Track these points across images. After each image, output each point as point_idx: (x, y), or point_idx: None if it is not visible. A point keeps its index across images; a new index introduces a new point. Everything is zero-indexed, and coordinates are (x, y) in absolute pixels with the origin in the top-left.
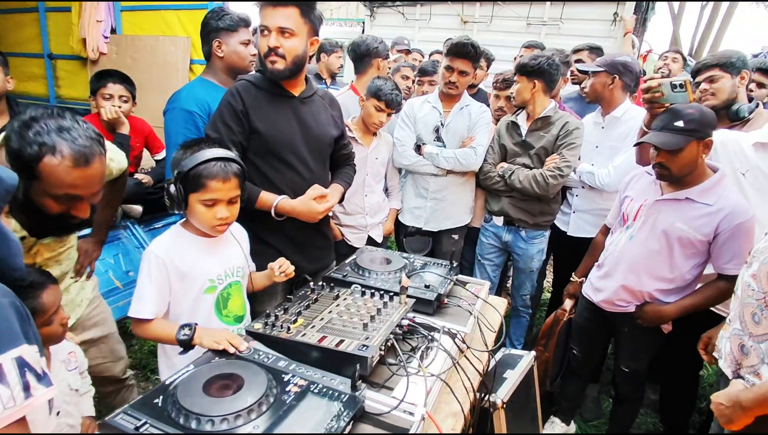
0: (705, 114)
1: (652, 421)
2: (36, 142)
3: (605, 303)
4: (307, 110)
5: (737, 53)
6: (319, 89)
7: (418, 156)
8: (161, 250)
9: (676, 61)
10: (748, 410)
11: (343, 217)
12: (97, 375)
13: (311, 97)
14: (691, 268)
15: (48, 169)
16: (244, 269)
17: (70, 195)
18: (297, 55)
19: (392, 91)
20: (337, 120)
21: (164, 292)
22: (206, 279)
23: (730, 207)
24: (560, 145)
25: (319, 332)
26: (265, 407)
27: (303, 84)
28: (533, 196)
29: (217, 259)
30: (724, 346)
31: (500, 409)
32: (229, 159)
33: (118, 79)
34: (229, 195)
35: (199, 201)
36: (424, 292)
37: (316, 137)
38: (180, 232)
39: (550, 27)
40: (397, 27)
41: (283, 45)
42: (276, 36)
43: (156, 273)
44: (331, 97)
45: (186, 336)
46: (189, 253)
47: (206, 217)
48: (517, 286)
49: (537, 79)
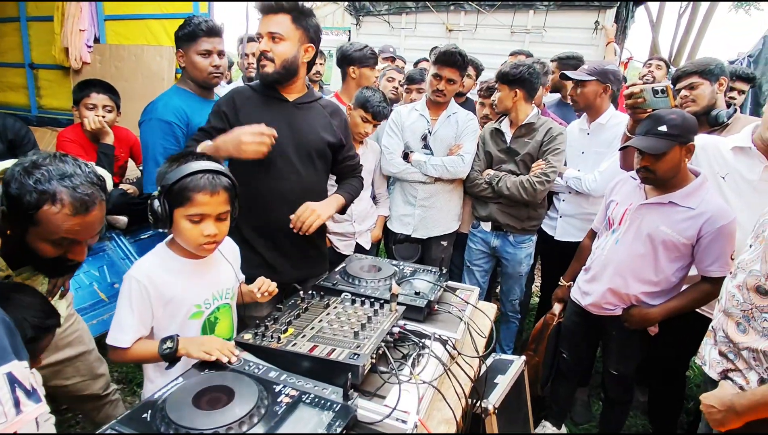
0: (687, 119)
1: (642, 422)
2: (36, 190)
3: (593, 306)
4: (301, 115)
5: (715, 60)
6: (324, 99)
7: (406, 164)
8: (143, 275)
9: (660, 68)
10: (742, 415)
11: (330, 225)
12: (75, 394)
13: (309, 103)
14: (675, 271)
15: (46, 217)
16: (234, 289)
17: (68, 239)
18: (286, 59)
19: (380, 102)
20: (336, 128)
21: (146, 318)
22: (192, 304)
23: (712, 210)
24: (545, 151)
25: (309, 341)
26: (256, 419)
27: (301, 91)
28: (521, 202)
29: (205, 282)
30: (708, 353)
31: (492, 414)
32: (218, 171)
33: (102, 89)
34: (218, 210)
35: (185, 216)
36: (415, 299)
37: (307, 142)
38: (164, 253)
39: (533, 35)
40: (383, 35)
41: (273, 49)
42: (267, 41)
43: (137, 300)
44: (335, 108)
45: (169, 349)
46: (174, 277)
47: (192, 235)
48: (506, 291)
49: (518, 88)
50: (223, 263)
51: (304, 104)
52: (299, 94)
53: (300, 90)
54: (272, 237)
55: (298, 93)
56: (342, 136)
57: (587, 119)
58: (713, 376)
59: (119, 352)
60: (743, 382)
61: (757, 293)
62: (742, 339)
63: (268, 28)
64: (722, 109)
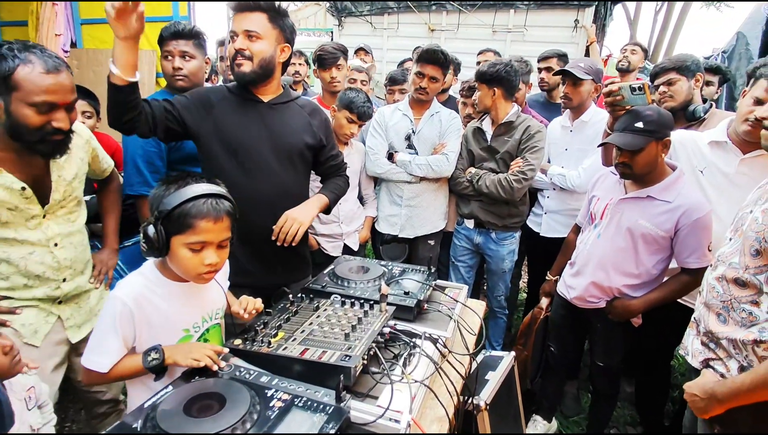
0: (663, 115)
1: (630, 413)
2: (9, 56)
3: (577, 300)
4: (277, 116)
5: (692, 57)
6: (301, 99)
7: (391, 164)
8: (129, 298)
9: (635, 53)
10: (724, 402)
11: (318, 226)
12: (92, 397)
13: (286, 104)
14: (656, 264)
15: (23, 77)
16: (224, 307)
17: (47, 102)
18: (263, 58)
19: (364, 103)
20: (316, 129)
21: (128, 342)
22: (180, 329)
23: (688, 203)
24: (523, 149)
25: (300, 345)
26: (249, 425)
27: (276, 91)
28: (500, 200)
29: (195, 306)
30: (691, 344)
31: (484, 410)
32: (220, 196)
33: (81, 95)
34: (220, 237)
35: (185, 244)
36: (404, 299)
37: (284, 144)
38: (153, 275)
39: (515, 34)
40: (366, 36)
41: (250, 47)
42: (242, 39)
43: (121, 322)
44: (313, 108)
45: (156, 360)
46: (163, 301)
47: (192, 264)
48: (491, 287)
49: (496, 87)
50: (213, 283)
51: (279, 105)
52: (274, 95)
53: (275, 91)
54: (252, 244)
55: (273, 94)
56: (322, 136)
57: (570, 116)
58: (695, 365)
59: (96, 375)
60: (724, 370)
61: (736, 285)
62: (723, 329)
63: (243, 26)
64: (699, 104)
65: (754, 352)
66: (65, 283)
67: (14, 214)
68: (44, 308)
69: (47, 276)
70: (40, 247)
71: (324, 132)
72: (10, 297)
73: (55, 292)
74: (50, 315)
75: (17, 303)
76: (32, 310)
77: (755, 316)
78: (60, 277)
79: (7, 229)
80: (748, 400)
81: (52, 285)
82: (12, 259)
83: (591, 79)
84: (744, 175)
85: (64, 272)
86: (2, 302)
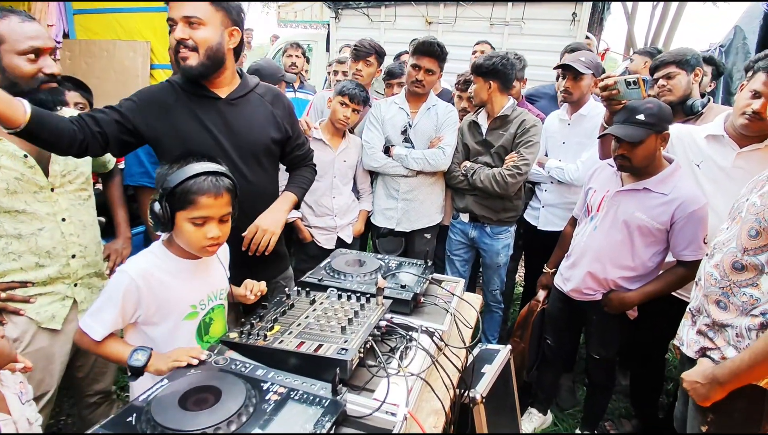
0: (663, 109)
1: (624, 405)
2: None
3: (574, 292)
4: (237, 113)
5: (692, 51)
6: (260, 86)
7: (387, 158)
8: (138, 273)
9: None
10: (726, 384)
11: (312, 219)
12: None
13: (245, 96)
14: (651, 256)
15: (5, 29)
16: (227, 289)
17: (33, 48)
18: (210, 46)
19: (355, 87)
20: (280, 119)
21: (127, 315)
22: (187, 305)
23: (683, 196)
24: (518, 144)
25: (296, 338)
26: (245, 417)
27: (232, 83)
28: (494, 195)
29: (201, 283)
30: (686, 334)
31: (480, 403)
32: (220, 173)
33: (73, 86)
34: (221, 212)
35: (188, 219)
36: (401, 293)
37: (248, 143)
38: (162, 252)
39: (512, 27)
40: (362, 29)
41: (192, 36)
42: (183, 27)
43: (125, 296)
44: (275, 94)
45: (139, 362)
46: (171, 278)
47: (195, 238)
48: (486, 281)
49: (492, 80)
50: (216, 264)
51: (238, 99)
52: (231, 87)
53: (230, 81)
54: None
55: (229, 85)
56: (287, 126)
57: (569, 110)
58: (690, 355)
59: (88, 340)
60: (720, 359)
61: (734, 269)
62: (725, 316)
63: (181, 12)
64: (697, 98)
65: (758, 338)
66: (74, 260)
67: (21, 183)
68: (59, 292)
69: (57, 252)
70: (49, 222)
71: (288, 120)
72: (26, 284)
73: (66, 269)
74: (66, 299)
75: (32, 290)
76: (47, 298)
77: (756, 299)
78: (69, 253)
79: (16, 200)
80: (748, 379)
81: (62, 261)
82: (23, 235)
83: (591, 74)
84: (740, 168)
85: (72, 248)
86: (17, 291)
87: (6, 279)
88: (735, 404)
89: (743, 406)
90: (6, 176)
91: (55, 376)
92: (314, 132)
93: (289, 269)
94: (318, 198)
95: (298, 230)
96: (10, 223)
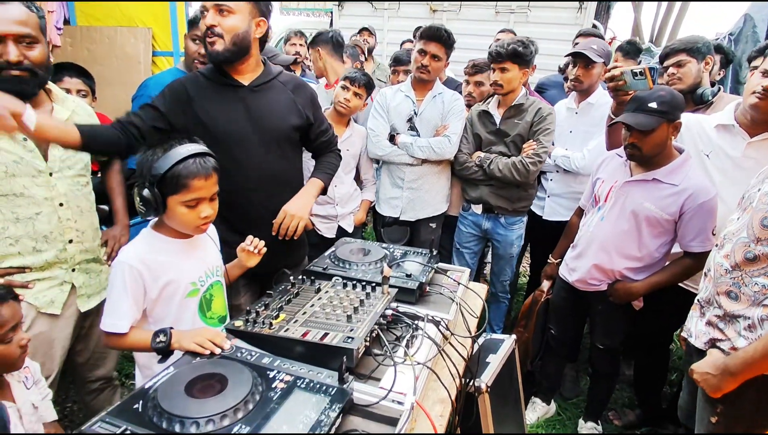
0: (675, 97)
1: (627, 395)
2: None
3: (579, 282)
4: (260, 99)
5: (703, 39)
6: (284, 75)
7: (392, 146)
8: (135, 260)
9: None
10: (738, 375)
11: (313, 207)
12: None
13: (267, 83)
14: (659, 247)
15: None
16: (221, 266)
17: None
18: (237, 34)
19: (356, 71)
20: (302, 106)
21: (139, 301)
22: (188, 283)
23: (694, 187)
24: (536, 132)
25: (302, 326)
26: (251, 405)
27: (255, 70)
28: (513, 184)
29: (197, 260)
30: (694, 326)
31: (485, 393)
32: (205, 154)
33: (75, 73)
34: (211, 192)
35: (181, 203)
36: (406, 282)
37: (270, 129)
38: (153, 236)
39: (518, 15)
40: (366, 17)
41: (221, 23)
42: (213, 14)
43: (131, 284)
44: (297, 83)
45: (162, 343)
46: (167, 257)
47: (189, 219)
48: (497, 272)
49: (526, 67)
50: (208, 241)
51: (261, 86)
52: (254, 75)
53: (254, 69)
54: (251, 232)
55: (252, 73)
56: (309, 114)
57: (576, 98)
58: (699, 346)
59: (116, 338)
60: (730, 350)
61: (746, 260)
62: (736, 307)
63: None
64: (707, 87)
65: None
66: (71, 245)
67: (20, 167)
68: (57, 277)
69: (54, 237)
70: (46, 207)
71: (310, 108)
72: (24, 269)
73: (63, 253)
74: (64, 284)
75: (30, 276)
76: (45, 283)
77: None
78: (66, 238)
79: (14, 183)
80: (761, 369)
81: (59, 246)
82: (21, 218)
83: (602, 62)
84: (751, 158)
85: (69, 233)
86: (16, 276)
87: (4, 264)
88: (745, 394)
89: (753, 396)
90: (5, 159)
91: (56, 361)
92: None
93: (306, 259)
94: None
95: None
96: (8, 207)
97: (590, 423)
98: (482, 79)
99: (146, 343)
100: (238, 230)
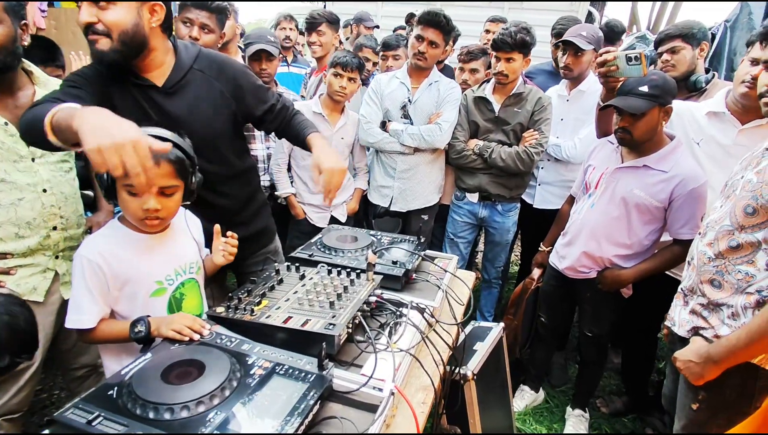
0: (668, 81)
1: (615, 382)
2: None
3: (569, 270)
4: (178, 103)
5: (698, 24)
6: (201, 57)
7: (383, 133)
8: (93, 253)
9: None
10: (721, 363)
11: (305, 196)
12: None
13: (184, 78)
14: (648, 234)
15: None
16: (199, 263)
17: None
18: (124, 30)
19: (345, 55)
20: (230, 94)
21: (105, 294)
22: (152, 281)
23: (684, 173)
24: (537, 121)
25: (284, 313)
26: (228, 392)
27: (166, 63)
28: (513, 172)
29: (165, 257)
30: (678, 314)
31: (471, 380)
32: (162, 139)
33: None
34: (159, 183)
35: (123, 186)
36: (392, 268)
37: (198, 136)
38: (116, 227)
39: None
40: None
41: (101, 18)
42: (88, 7)
43: (91, 278)
44: (218, 67)
45: (141, 333)
46: (127, 253)
47: (132, 207)
48: (491, 258)
49: (528, 56)
50: (184, 236)
51: (176, 85)
52: (166, 71)
53: (162, 63)
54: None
55: (162, 68)
56: (241, 99)
57: (568, 86)
58: (682, 334)
59: (86, 334)
60: (713, 338)
61: (729, 248)
62: (719, 295)
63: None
64: (701, 74)
65: (755, 315)
66: (55, 232)
67: (1, 152)
68: (40, 264)
69: (37, 223)
70: (29, 193)
71: (244, 86)
72: (6, 255)
73: (46, 240)
74: (47, 271)
75: (12, 262)
76: (27, 269)
77: (751, 276)
78: (49, 225)
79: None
80: (744, 357)
81: (42, 232)
82: (2, 204)
83: (593, 49)
84: (742, 145)
85: (53, 220)
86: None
87: None
88: (727, 381)
89: (735, 383)
90: None
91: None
92: (314, 105)
93: (272, 244)
94: (312, 174)
95: (291, 207)
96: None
97: (578, 410)
98: (477, 66)
99: (124, 334)
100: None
